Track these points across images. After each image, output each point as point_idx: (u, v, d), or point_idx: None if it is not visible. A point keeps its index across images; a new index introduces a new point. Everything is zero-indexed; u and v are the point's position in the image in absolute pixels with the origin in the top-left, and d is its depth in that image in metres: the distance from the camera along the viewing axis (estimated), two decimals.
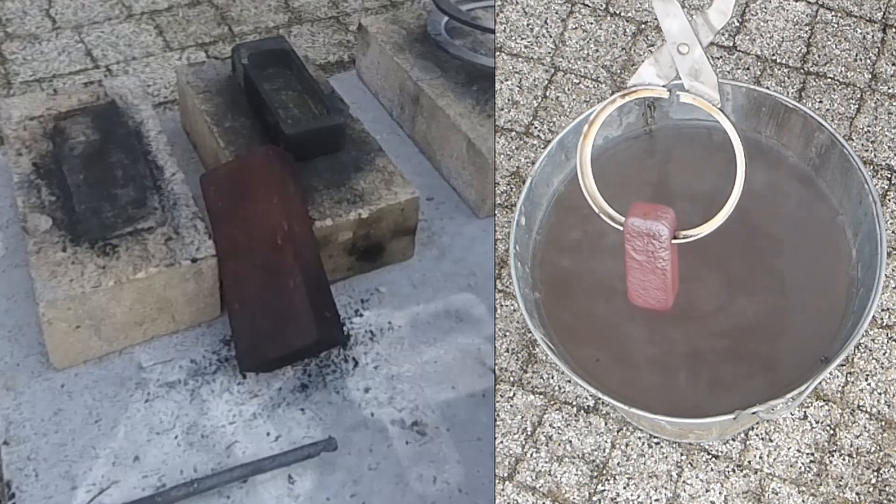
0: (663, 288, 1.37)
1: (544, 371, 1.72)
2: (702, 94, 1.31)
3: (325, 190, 2.00)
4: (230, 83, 2.25)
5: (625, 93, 1.35)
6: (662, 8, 1.29)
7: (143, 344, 1.86)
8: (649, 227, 1.30)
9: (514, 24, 2.04)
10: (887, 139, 1.89)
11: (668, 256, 1.33)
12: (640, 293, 1.39)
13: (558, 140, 1.56)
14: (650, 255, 1.34)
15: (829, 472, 1.63)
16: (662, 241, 1.31)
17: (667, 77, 1.33)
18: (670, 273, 1.35)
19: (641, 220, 1.30)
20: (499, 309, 1.78)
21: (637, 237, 1.32)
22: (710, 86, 1.31)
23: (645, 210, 1.31)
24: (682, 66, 1.31)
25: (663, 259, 1.34)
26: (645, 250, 1.33)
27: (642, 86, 1.34)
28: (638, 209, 1.31)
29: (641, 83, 1.34)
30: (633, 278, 1.38)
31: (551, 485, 1.64)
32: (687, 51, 1.30)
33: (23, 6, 2.82)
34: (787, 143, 1.57)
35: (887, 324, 1.74)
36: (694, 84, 1.31)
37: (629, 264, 1.37)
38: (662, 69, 1.33)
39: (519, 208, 1.51)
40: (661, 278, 1.36)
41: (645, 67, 1.33)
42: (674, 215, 1.32)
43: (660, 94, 1.34)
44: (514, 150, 1.91)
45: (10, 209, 2.07)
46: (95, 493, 1.62)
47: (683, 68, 1.31)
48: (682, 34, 1.29)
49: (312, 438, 1.72)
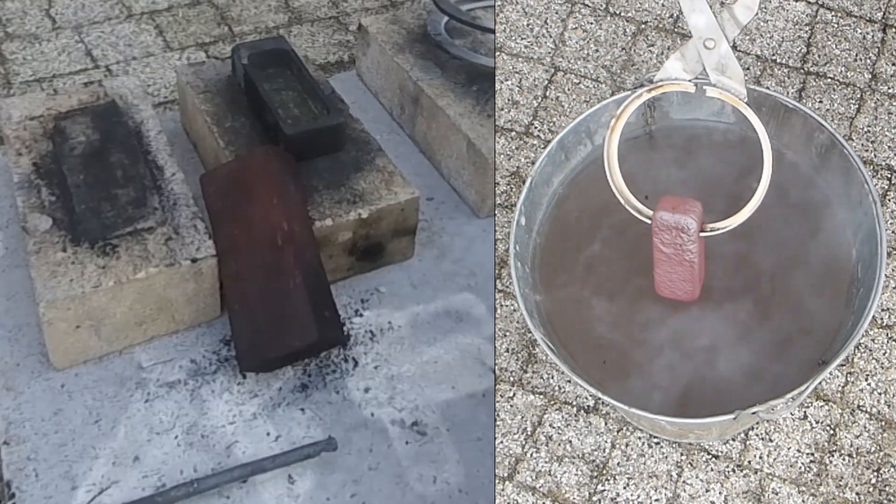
0: (690, 280, 1.39)
1: (544, 371, 1.72)
2: (728, 89, 1.33)
3: (325, 190, 2.00)
4: (230, 83, 2.25)
5: (651, 87, 1.37)
6: (689, 4, 1.30)
7: (143, 344, 1.86)
8: (678, 221, 1.32)
9: (514, 24, 2.04)
10: (887, 139, 1.89)
11: (695, 249, 1.35)
12: (667, 285, 1.41)
13: (558, 140, 1.56)
14: (678, 247, 1.35)
15: (829, 472, 1.63)
16: (691, 234, 1.33)
17: (693, 72, 1.34)
18: (698, 265, 1.37)
19: (670, 213, 1.32)
20: (499, 309, 1.78)
21: (665, 230, 1.34)
22: (736, 80, 1.32)
23: (674, 204, 1.33)
24: (708, 61, 1.32)
25: (691, 252, 1.35)
26: (673, 243, 1.35)
27: (669, 80, 1.35)
28: (667, 203, 1.33)
29: (668, 78, 1.35)
30: (660, 270, 1.39)
31: (551, 485, 1.64)
32: (713, 46, 1.31)
33: (23, 6, 2.82)
34: (787, 143, 1.57)
35: (887, 324, 1.74)
36: (720, 79, 1.32)
37: (657, 256, 1.38)
38: (689, 64, 1.34)
39: (519, 208, 1.51)
40: (688, 270, 1.38)
41: (671, 62, 1.35)
42: (701, 209, 1.33)
43: (686, 88, 1.35)
44: (514, 150, 1.91)
45: (10, 209, 2.07)
46: (95, 493, 1.62)
47: (710, 63, 1.32)
48: (709, 29, 1.30)
49: (312, 438, 1.72)
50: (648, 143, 1.61)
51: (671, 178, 1.57)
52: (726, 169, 1.57)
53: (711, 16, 1.30)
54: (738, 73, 1.32)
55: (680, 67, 1.35)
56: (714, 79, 1.33)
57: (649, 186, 1.51)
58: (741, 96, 1.33)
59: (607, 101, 1.58)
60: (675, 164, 1.59)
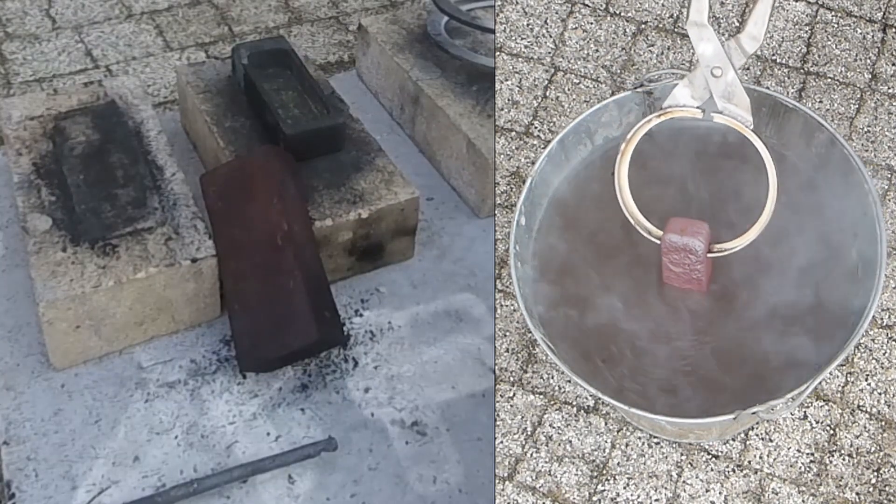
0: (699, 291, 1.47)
1: (544, 371, 1.72)
2: (735, 116, 1.37)
3: (325, 190, 2.00)
4: (230, 83, 2.25)
5: (660, 113, 1.42)
6: (697, 32, 1.35)
7: (143, 344, 1.86)
8: (686, 243, 1.39)
9: (514, 24, 2.04)
10: (887, 139, 1.89)
11: (703, 269, 1.43)
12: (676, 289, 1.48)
13: (558, 140, 1.56)
14: (686, 267, 1.43)
15: (829, 472, 1.63)
16: (699, 255, 1.41)
17: (701, 98, 1.39)
18: (705, 283, 1.45)
19: (678, 236, 1.39)
20: (499, 309, 1.78)
21: (674, 251, 1.41)
22: (742, 108, 1.37)
23: (682, 226, 1.40)
24: (715, 89, 1.37)
25: (699, 271, 1.43)
26: (682, 263, 1.43)
27: (677, 107, 1.40)
28: (675, 225, 1.40)
29: (676, 104, 1.40)
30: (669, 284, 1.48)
31: (551, 485, 1.64)
32: (720, 74, 1.36)
33: (23, 6, 2.82)
34: (787, 143, 1.57)
35: (887, 324, 1.74)
36: (727, 106, 1.37)
37: (666, 274, 1.46)
38: (696, 91, 1.39)
39: (519, 208, 1.52)
40: (696, 287, 1.46)
41: (679, 89, 1.40)
42: (708, 230, 1.40)
43: (694, 114, 1.39)
44: (514, 150, 1.91)
45: (10, 209, 2.07)
46: (95, 493, 1.62)
47: (717, 90, 1.37)
48: (716, 58, 1.35)
49: (312, 438, 1.72)
50: (648, 143, 1.61)
51: (671, 177, 1.57)
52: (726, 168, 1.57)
53: (719, 45, 1.35)
54: (745, 100, 1.36)
55: (688, 94, 1.39)
56: (721, 106, 1.37)
57: (649, 186, 1.51)
58: (748, 123, 1.37)
59: (607, 101, 1.58)
60: (675, 163, 1.59)
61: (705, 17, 1.34)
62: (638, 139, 1.43)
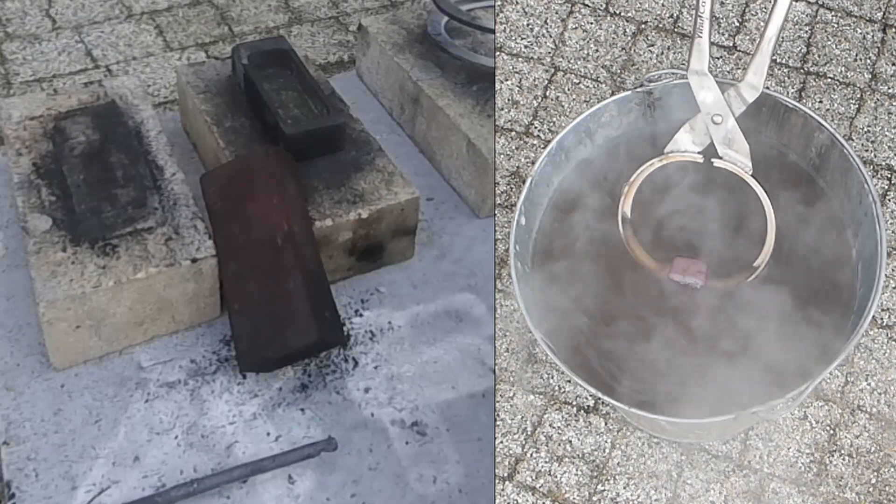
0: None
1: (544, 371, 1.72)
2: (735, 162, 1.42)
3: (325, 190, 2.00)
4: (230, 83, 2.25)
5: (662, 157, 1.46)
6: (698, 81, 1.40)
7: (143, 344, 1.86)
8: (687, 282, 1.50)
9: (514, 24, 2.04)
10: (887, 139, 1.89)
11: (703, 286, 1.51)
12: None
13: (558, 140, 1.56)
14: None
15: (829, 472, 1.63)
16: (698, 290, 1.51)
17: (701, 144, 1.44)
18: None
19: (681, 276, 1.50)
20: (499, 309, 1.78)
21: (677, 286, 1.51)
22: (742, 154, 1.41)
23: (684, 267, 1.51)
24: (716, 135, 1.41)
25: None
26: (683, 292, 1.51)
27: (678, 152, 1.45)
28: (678, 266, 1.51)
29: (678, 149, 1.45)
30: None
31: (551, 485, 1.64)
32: (721, 121, 1.41)
33: (23, 6, 2.82)
34: (787, 143, 1.57)
35: (887, 324, 1.74)
36: (728, 152, 1.42)
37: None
38: (697, 136, 1.43)
39: (519, 208, 1.52)
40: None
41: (681, 134, 1.45)
42: (706, 269, 1.49)
43: (695, 159, 1.44)
44: (514, 150, 1.91)
45: (10, 209, 2.07)
46: (95, 493, 1.62)
47: (717, 137, 1.41)
48: (716, 106, 1.41)
49: (312, 438, 1.72)
50: (648, 143, 1.61)
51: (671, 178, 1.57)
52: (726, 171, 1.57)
53: (719, 93, 1.40)
54: (745, 147, 1.40)
55: (689, 139, 1.44)
56: (721, 151, 1.41)
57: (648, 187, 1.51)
58: (747, 169, 1.41)
59: (607, 101, 1.58)
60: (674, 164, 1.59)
61: (706, 65, 1.39)
62: (640, 181, 1.47)
